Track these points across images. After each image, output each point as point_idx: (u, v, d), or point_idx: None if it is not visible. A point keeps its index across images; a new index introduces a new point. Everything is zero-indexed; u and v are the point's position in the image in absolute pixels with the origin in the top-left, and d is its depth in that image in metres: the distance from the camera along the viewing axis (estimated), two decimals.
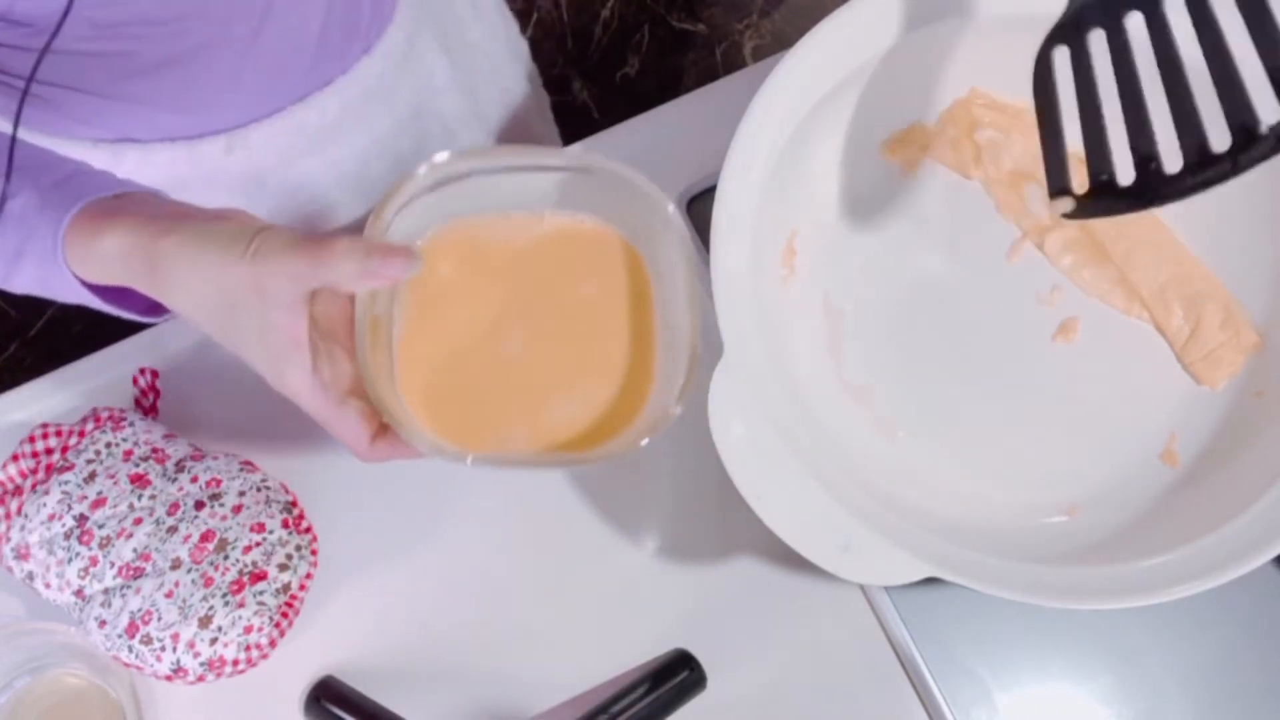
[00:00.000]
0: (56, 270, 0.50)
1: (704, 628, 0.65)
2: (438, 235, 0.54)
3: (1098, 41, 0.49)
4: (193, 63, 0.62)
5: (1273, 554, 0.54)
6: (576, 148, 0.75)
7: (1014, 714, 0.63)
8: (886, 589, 0.64)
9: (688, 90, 0.81)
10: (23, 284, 0.53)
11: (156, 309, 0.54)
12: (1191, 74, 0.45)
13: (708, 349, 0.53)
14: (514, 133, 0.89)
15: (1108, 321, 0.67)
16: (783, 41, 1.80)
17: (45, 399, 0.70)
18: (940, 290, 0.67)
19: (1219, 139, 0.45)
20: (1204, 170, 0.45)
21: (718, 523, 0.67)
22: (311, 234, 0.47)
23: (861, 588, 0.65)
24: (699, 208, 0.72)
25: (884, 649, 0.65)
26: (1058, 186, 0.50)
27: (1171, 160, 0.46)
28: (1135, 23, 0.47)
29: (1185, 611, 0.63)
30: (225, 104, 0.67)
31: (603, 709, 0.60)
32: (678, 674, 0.62)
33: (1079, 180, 0.49)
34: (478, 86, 0.83)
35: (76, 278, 0.51)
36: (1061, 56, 0.50)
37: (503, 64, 0.87)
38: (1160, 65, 0.46)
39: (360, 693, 0.63)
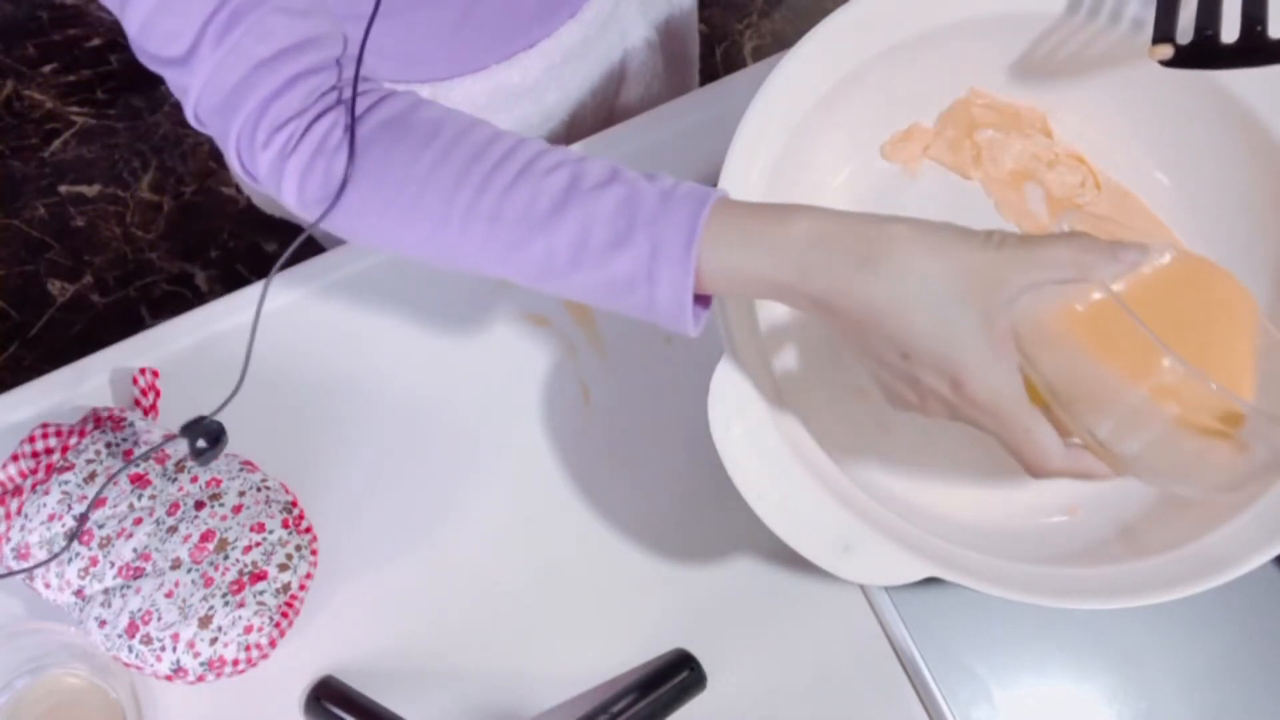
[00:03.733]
0: (672, 263, 0.47)
1: (704, 628, 0.65)
2: None
3: None
4: (409, 15, 0.64)
5: (1273, 554, 0.54)
6: (573, 149, 0.75)
7: (1014, 713, 0.63)
8: (886, 589, 0.64)
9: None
10: (581, 282, 0.49)
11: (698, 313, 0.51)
12: None
13: (708, 349, 0.53)
14: (675, 50, 0.90)
15: None
16: (783, 41, 1.80)
17: (45, 399, 0.70)
18: None
19: None
20: None
21: (718, 523, 0.67)
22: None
23: (861, 588, 0.65)
24: None
25: (884, 649, 0.65)
26: (1163, 33, 0.51)
27: (1277, 27, 0.47)
28: None
29: (1185, 611, 0.63)
30: (432, 58, 0.69)
31: (603, 709, 0.60)
32: (678, 674, 0.62)
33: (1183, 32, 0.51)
34: (660, 26, 0.85)
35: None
36: None
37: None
38: None
39: (360, 693, 0.63)
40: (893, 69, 0.63)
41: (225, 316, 0.72)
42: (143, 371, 0.68)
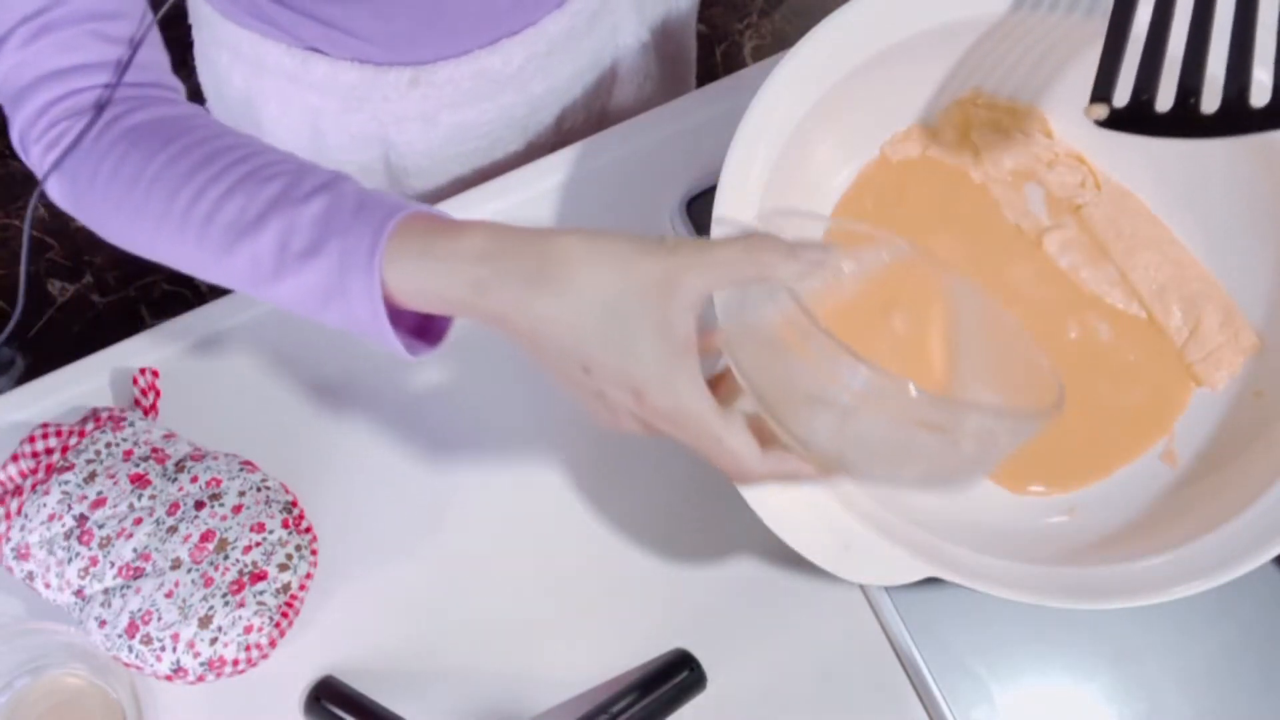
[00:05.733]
0: (358, 275, 0.46)
1: (704, 628, 0.65)
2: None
3: None
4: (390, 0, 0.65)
5: (1273, 554, 0.54)
6: (575, 149, 0.75)
7: (1014, 713, 0.63)
8: (886, 589, 0.64)
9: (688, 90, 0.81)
10: (286, 292, 0.49)
11: (426, 339, 0.51)
12: (1261, 27, 0.48)
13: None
14: (670, 53, 0.89)
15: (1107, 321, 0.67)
16: (783, 41, 1.80)
17: (45, 399, 0.70)
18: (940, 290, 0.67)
19: (1260, 95, 0.47)
20: (1238, 119, 0.48)
21: (718, 523, 0.67)
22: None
23: (861, 588, 0.65)
24: (699, 208, 0.72)
25: (884, 649, 0.65)
26: (1101, 94, 0.52)
27: (1210, 101, 0.48)
28: None
29: (1185, 611, 0.63)
30: (414, 41, 0.70)
31: (603, 709, 0.60)
32: (678, 674, 0.62)
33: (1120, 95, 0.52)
34: (655, 27, 0.85)
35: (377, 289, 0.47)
36: None
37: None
38: (1237, 7, 0.49)
39: (360, 693, 0.63)
40: (893, 69, 0.63)
41: (225, 316, 0.72)
42: (143, 371, 0.68)
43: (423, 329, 0.52)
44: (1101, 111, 0.52)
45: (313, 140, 0.76)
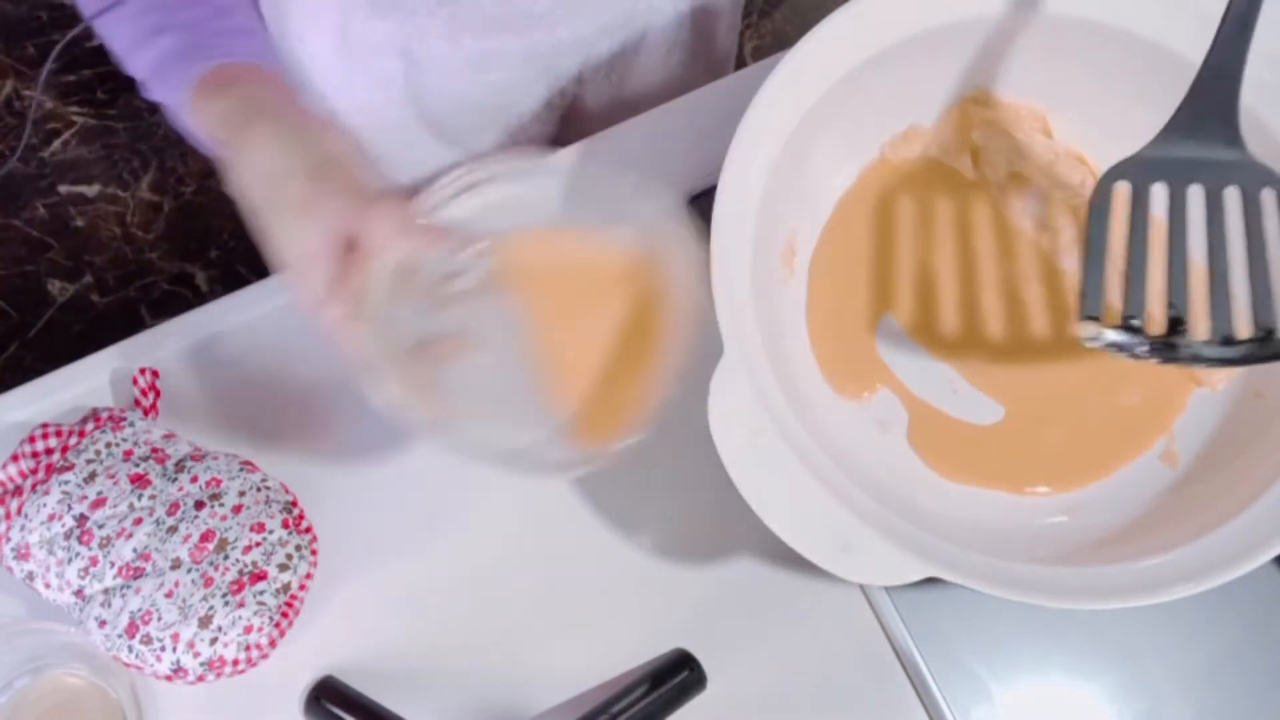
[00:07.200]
0: (174, 98, 0.59)
1: (704, 628, 0.65)
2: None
3: (1159, 192, 0.52)
4: None
5: (1273, 554, 0.54)
6: (574, 149, 0.75)
7: (1014, 713, 0.63)
8: (886, 589, 0.64)
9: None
10: (143, 70, 0.61)
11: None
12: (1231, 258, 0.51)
13: (709, 348, 0.53)
14: (705, 29, 0.90)
15: None
16: (783, 41, 1.80)
17: (45, 399, 0.70)
18: (940, 289, 0.67)
19: (1243, 327, 0.49)
20: (1226, 348, 0.50)
21: (718, 523, 0.67)
22: (378, 185, 0.54)
23: (861, 588, 0.65)
24: (699, 208, 0.72)
25: (884, 649, 0.65)
26: (1089, 314, 0.52)
27: (1198, 327, 0.50)
28: (1197, 192, 0.52)
29: (1185, 611, 0.63)
30: None
31: (603, 709, 0.60)
32: (678, 674, 0.62)
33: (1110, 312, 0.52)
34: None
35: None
36: (1123, 190, 0.53)
37: None
38: (1210, 242, 0.51)
39: (360, 693, 0.63)
40: (893, 69, 0.63)
41: (225, 316, 0.72)
42: (143, 371, 0.68)
43: None
44: (1091, 331, 0.52)
45: (337, 41, 0.77)
